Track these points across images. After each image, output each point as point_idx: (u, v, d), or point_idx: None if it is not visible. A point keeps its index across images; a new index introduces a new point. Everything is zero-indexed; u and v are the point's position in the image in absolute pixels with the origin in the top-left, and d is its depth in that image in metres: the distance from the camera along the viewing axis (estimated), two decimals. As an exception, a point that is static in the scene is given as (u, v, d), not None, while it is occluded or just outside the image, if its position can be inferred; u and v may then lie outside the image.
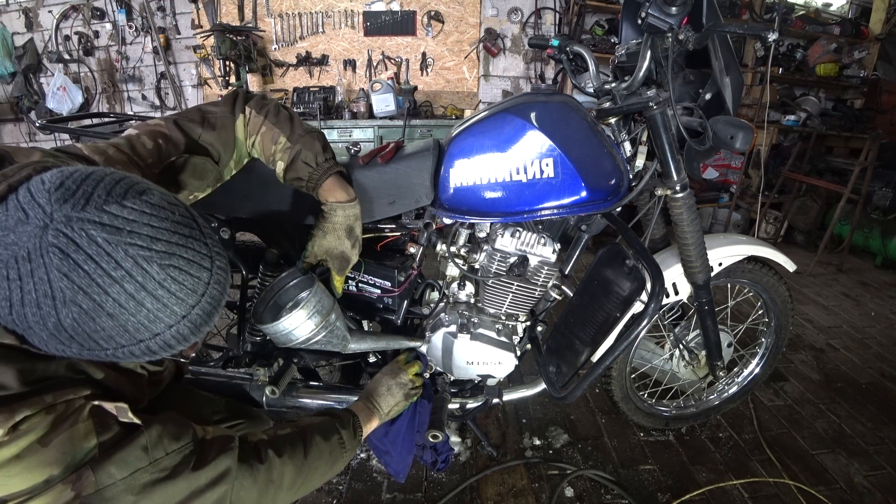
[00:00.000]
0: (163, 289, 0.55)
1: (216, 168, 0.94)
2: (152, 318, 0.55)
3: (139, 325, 0.55)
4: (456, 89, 3.99)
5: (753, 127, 1.08)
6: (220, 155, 0.95)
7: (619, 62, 1.24)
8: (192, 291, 0.58)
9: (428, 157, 1.17)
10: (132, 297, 0.53)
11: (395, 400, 1.12)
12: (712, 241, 1.36)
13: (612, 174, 1.16)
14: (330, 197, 1.02)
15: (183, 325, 0.58)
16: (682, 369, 1.55)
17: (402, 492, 1.43)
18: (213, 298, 0.61)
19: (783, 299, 1.54)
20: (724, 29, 1.03)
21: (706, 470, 1.54)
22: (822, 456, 1.61)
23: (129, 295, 0.53)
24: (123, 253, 0.52)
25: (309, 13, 3.80)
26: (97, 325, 0.53)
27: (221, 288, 0.62)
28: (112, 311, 0.53)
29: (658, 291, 1.03)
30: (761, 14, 3.85)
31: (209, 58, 3.80)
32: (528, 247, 1.21)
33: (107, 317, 0.53)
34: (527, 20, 3.78)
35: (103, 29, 3.91)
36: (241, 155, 1.01)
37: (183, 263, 0.56)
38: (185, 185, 0.89)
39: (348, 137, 3.50)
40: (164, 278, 0.54)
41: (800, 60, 4.03)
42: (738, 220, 3.91)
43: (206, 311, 0.60)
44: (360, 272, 1.26)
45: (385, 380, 1.14)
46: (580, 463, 1.55)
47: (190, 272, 0.57)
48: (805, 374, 2.08)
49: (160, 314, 0.56)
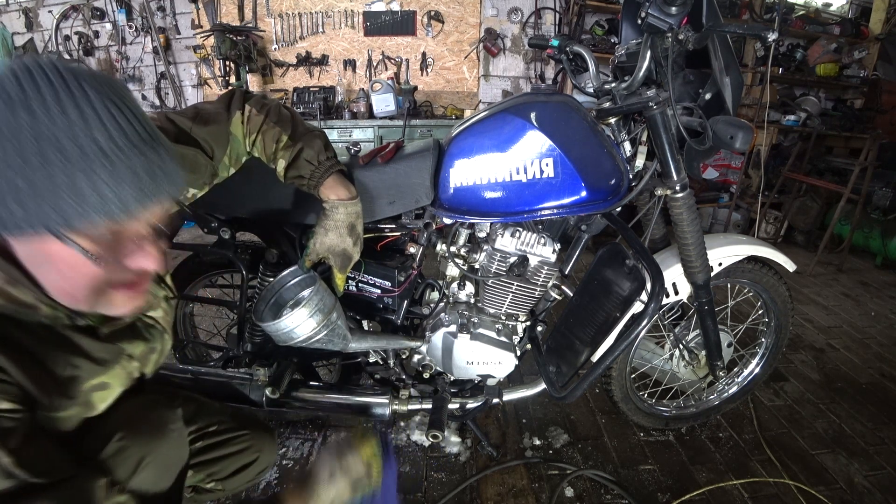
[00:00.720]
0: (99, 120, 0.53)
1: (209, 162, 0.94)
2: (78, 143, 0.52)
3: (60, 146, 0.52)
4: (456, 89, 4.00)
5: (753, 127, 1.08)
6: (213, 150, 0.95)
7: (619, 62, 1.25)
8: (128, 138, 0.55)
9: (428, 157, 1.17)
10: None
11: (336, 491, 0.86)
12: (712, 241, 1.36)
13: (612, 174, 1.16)
14: (332, 195, 1.02)
15: (104, 165, 0.54)
16: (682, 369, 1.55)
17: (402, 491, 1.43)
18: (147, 161, 0.57)
19: (783, 299, 1.54)
20: (724, 29, 1.03)
21: (706, 470, 1.54)
22: (822, 456, 1.61)
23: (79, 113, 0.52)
24: (76, 81, 0.53)
25: (309, 13, 3.80)
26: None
27: (157, 164, 0.58)
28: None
29: (658, 291, 1.03)
30: (761, 14, 3.85)
31: (209, 58, 3.80)
32: (528, 247, 1.21)
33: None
34: (527, 20, 3.79)
35: (103, 29, 3.91)
36: (238, 153, 1.01)
37: (129, 113, 0.56)
38: None
39: (348, 137, 3.50)
40: (104, 113, 0.54)
41: (800, 60, 4.04)
42: (738, 220, 3.92)
43: (132, 167, 0.55)
44: (361, 272, 1.26)
45: (328, 462, 0.88)
46: (580, 463, 1.55)
47: (132, 122, 0.56)
48: (805, 374, 2.08)
49: (83, 142, 0.53)
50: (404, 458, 1.56)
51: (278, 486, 1.43)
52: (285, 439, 1.62)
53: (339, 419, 1.69)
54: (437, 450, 1.58)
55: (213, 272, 1.52)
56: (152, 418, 0.76)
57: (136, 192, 0.56)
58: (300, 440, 1.62)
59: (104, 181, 0.54)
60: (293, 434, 1.64)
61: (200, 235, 1.32)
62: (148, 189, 0.57)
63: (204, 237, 1.32)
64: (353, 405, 1.36)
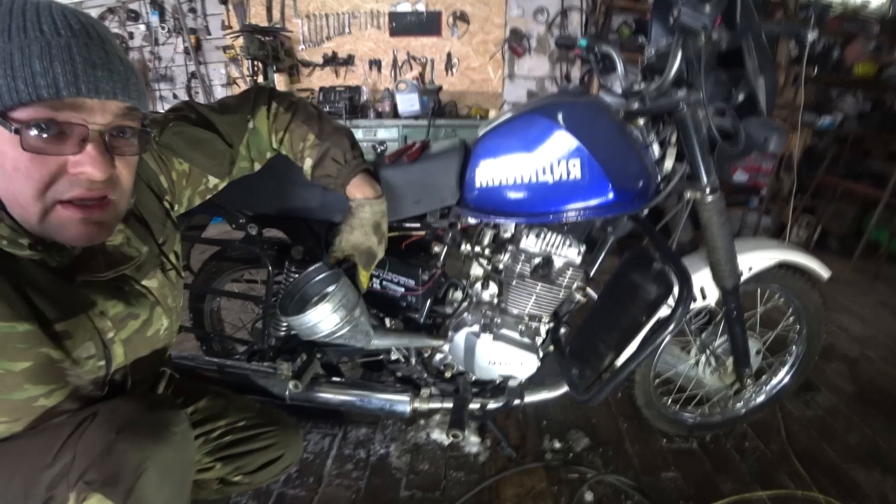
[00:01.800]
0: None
1: (228, 150, 0.96)
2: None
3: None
4: (480, 89, 3.99)
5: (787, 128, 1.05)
6: (231, 138, 0.96)
7: (649, 62, 1.22)
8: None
9: (454, 156, 1.18)
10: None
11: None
12: (742, 246, 1.33)
13: (640, 176, 1.15)
14: (358, 193, 1.03)
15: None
16: (707, 376, 1.51)
17: (421, 489, 1.44)
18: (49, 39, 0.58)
19: (816, 307, 1.49)
20: (761, 28, 1.00)
21: (731, 480, 1.50)
22: (854, 471, 1.56)
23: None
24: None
25: (335, 14, 3.84)
26: None
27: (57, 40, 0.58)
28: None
29: (686, 296, 1.01)
30: (795, 12, 3.73)
31: (238, 58, 3.88)
32: (552, 248, 1.20)
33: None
34: (553, 20, 3.75)
35: (137, 30, 4.03)
36: (261, 148, 1.03)
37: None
38: (192, 159, 0.91)
39: (373, 137, 3.53)
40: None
41: (836, 60, 3.90)
42: (767, 224, 3.80)
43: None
44: (385, 270, 1.27)
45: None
46: (601, 467, 1.53)
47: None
48: (838, 385, 2.01)
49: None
50: (423, 456, 1.57)
51: (299, 480, 1.46)
52: (306, 433, 1.64)
53: (360, 415, 1.71)
54: (457, 449, 1.58)
55: (240, 267, 1.56)
56: (153, 420, 0.69)
57: (68, 76, 0.56)
58: (321, 434, 1.64)
59: (35, 56, 0.56)
60: (314, 428, 1.66)
61: (228, 231, 1.35)
62: (82, 76, 0.57)
63: (231, 233, 1.35)
64: (375, 402, 1.37)
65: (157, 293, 0.83)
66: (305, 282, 1.11)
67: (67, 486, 0.63)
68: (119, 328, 0.76)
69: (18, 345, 0.64)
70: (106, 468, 0.63)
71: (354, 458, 1.55)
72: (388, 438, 1.63)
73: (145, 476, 0.64)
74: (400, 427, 1.68)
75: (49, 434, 0.68)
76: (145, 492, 0.65)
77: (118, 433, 0.65)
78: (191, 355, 1.45)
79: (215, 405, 1.00)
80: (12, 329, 0.63)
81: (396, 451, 1.58)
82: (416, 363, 1.40)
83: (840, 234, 3.64)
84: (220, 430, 0.98)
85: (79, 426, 0.67)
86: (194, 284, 1.56)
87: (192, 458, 0.77)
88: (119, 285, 0.76)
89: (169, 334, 0.88)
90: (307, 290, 1.11)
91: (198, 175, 0.94)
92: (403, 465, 1.53)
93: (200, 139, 0.91)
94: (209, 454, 0.97)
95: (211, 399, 1.01)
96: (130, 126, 0.65)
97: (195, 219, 1.41)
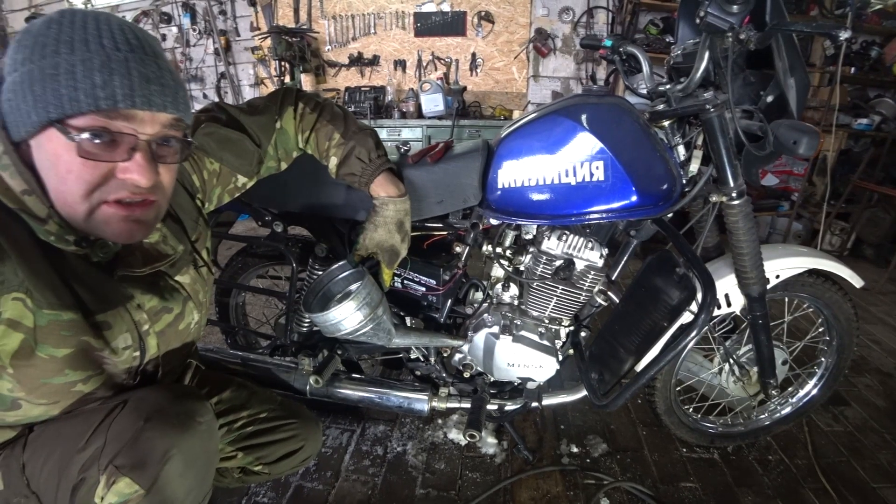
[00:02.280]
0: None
1: (256, 150, 0.99)
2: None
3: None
4: (505, 90, 3.98)
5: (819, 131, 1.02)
6: (260, 139, 0.99)
7: (675, 63, 1.20)
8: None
9: (477, 157, 1.18)
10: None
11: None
12: (770, 252, 1.29)
13: (665, 179, 1.13)
14: (382, 192, 1.04)
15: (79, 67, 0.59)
16: (731, 385, 1.48)
17: (436, 488, 1.45)
18: (112, 53, 0.61)
19: (847, 317, 1.44)
20: (791, 28, 0.98)
21: (752, 493, 1.47)
22: (884, 490, 1.50)
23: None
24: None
25: (361, 15, 3.89)
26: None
27: (111, 56, 0.61)
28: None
29: (709, 302, 0.99)
30: (831, 9, 3.60)
31: (266, 58, 3.96)
32: (574, 250, 1.20)
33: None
34: (578, 20, 3.72)
35: (170, 32, 4.16)
36: (288, 147, 1.06)
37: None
38: (222, 158, 0.94)
39: (397, 136, 3.56)
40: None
41: (875, 59, 3.75)
42: (798, 230, 3.69)
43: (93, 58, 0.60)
44: (407, 269, 1.28)
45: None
46: (618, 474, 1.51)
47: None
48: (869, 400, 1.93)
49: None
50: (440, 455, 1.57)
51: (316, 474, 1.48)
52: (325, 428, 1.67)
53: (379, 412, 1.72)
54: (473, 449, 1.58)
55: (265, 264, 1.59)
56: (180, 410, 0.73)
57: (125, 89, 0.60)
58: (340, 430, 1.66)
59: (97, 69, 0.59)
60: (333, 424, 1.69)
61: (254, 228, 1.38)
62: (138, 90, 0.61)
63: (257, 230, 1.38)
64: (393, 399, 1.38)
65: (190, 288, 0.86)
66: (329, 279, 1.12)
67: (98, 469, 0.67)
68: (154, 321, 0.79)
69: (63, 332, 0.67)
70: (134, 454, 0.67)
71: (372, 454, 1.57)
72: (405, 436, 1.65)
73: (171, 463, 0.68)
74: (417, 425, 1.69)
75: (82, 419, 0.72)
76: (170, 478, 0.68)
77: (146, 421, 0.69)
78: (216, 348, 1.49)
79: (238, 396, 1.03)
80: (58, 317, 0.67)
81: (413, 449, 1.59)
82: (435, 362, 1.40)
83: (875, 242, 3.50)
84: (243, 420, 1.01)
85: (110, 413, 0.71)
86: (221, 279, 1.60)
87: (215, 447, 0.79)
88: (155, 280, 0.80)
89: (198, 328, 0.92)
90: (331, 288, 1.13)
91: (227, 174, 0.97)
92: (420, 463, 1.54)
93: (231, 139, 0.94)
94: (231, 443, 1.00)
95: (234, 390, 1.04)
96: (175, 136, 0.69)
97: (223, 215, 1.45)
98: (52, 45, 0.60)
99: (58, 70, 0.59)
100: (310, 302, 1.09)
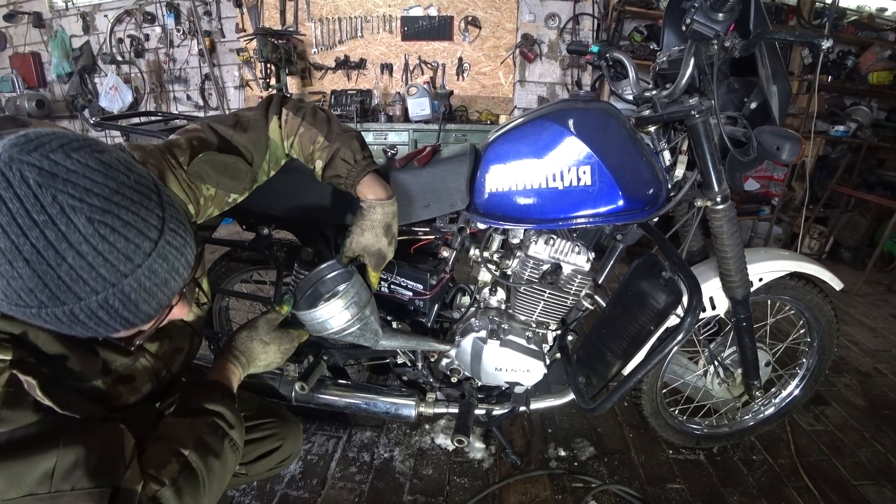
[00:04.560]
0: (88, 244, 0.50)
1: (250, 169, 0.97)
2: (74, 276, 0.50)
3: (59, 282, 0.50)
4: (491, 94, 4.00)
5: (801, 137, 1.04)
6: (253, 156, 0.98)
7: (661, 69, 1.22)
8: (125, 257, 0.52)
9: (464, 161, 1.18)
10: (52, 245, 0.49)
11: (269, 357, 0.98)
12: (753, 256, 1.31)
13: (651, 183, 1.14)
14: (369, 194, 1.03)
15: (112, 294, 0.53)
16: (716, 387, 1.49)
17: (424, 494, 1.43)
18: (154, 273, 0.55)
19: (827, 319, 1.47)
20: (774, 36, 1.00)
21: (738, 493, 1.48)
22: (864, 487, 1.53)
23: (48, 242, 0.49)
24: (51, 198, 0.48)
25: (348, 18, 3.88)
26: (14, 271, 0.49)
27: (168, 266, 0.57)
28: (29, 257, 0.48)
29: (695, 305, 1.00)
30: (809, 19, 3.69)
31: (251, 60, 3.92)
32: (561, 255, 1.20)
33: (23, 262, 0.49)
34: (564, 26, 3.75)
35: (153, 32, 4.10)
36: (277, 157, 1.04)
37: (119, 224, 0.52)
38: (219, 183, 0.92)
39: (384, 140, 3.55)
40: (90, 233, 0.50)
41: (851, 68, 3.86)
42: (779, 234, 3.77)
43: (143, 285, 0.55)
44: (393, 274, 1.27)
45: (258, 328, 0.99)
46: (605, 477, 1.52)
47: (126, 235, 0.52)
48: (849, 400, 1.98)
49: (84, 273, 0.51)
50: (428, 461, 1.56)
51: (302, 481, 1.46)
52: (311, 435, 1.64)
53: (366, 418, 1.71)
54: (461, 455, 1.58)
55: (250, 268, 1.57)
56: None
57: (166, 291, 0.59)
58: (325, 437, 1.64)
59: (166, 272, 0.58)
60: (319, 430, 1.67)
61: (238, 232, 1.36)
62: (173, 283, 0.60)
63: (241, 233, 1.36)
64: (380, 405, 1.37)
65: (194, 325, 0.92)
66: (317, 278, 1.11)
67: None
68: (169, 363, 0.85)
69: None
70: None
71: (358, 461, 1.55)
72: (392, 442, 1.63)
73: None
74: (405, 431, 1.68)
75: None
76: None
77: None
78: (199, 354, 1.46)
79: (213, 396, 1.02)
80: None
81: (401, 455, 1.58)
82: (422, 367, 1.40)
83: (853, 245, 3.59)
84: None
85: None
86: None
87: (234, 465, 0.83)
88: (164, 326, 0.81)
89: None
90: (318, 288, 1.11)
91: (222, 195, 0.96)
92: (407, 469, 1.52)
93: (227, 164, 0.93)
94: None
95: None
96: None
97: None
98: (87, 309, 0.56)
99: (111, 314, 0.56)
100: (298, 300, 1.07)
